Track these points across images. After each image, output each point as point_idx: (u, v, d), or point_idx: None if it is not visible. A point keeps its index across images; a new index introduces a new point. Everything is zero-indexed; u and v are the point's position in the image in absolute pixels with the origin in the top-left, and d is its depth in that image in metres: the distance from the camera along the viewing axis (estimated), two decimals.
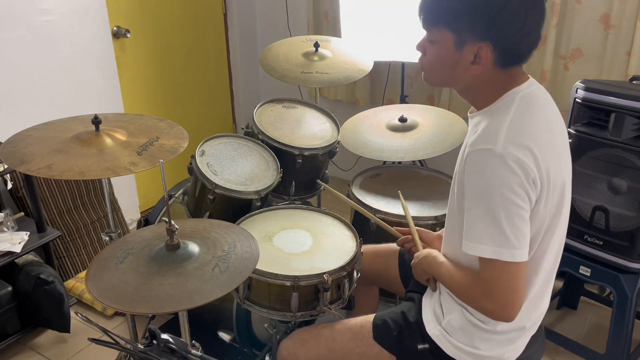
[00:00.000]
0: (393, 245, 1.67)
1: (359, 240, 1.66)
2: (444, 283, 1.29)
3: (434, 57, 1.18)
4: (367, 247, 1.75)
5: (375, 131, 2.23)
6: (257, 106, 2.25)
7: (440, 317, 1.33)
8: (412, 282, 1.57)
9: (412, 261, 1.43)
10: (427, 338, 1.34)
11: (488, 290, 1.11)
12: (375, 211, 1.97)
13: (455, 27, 1.12)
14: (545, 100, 1.22)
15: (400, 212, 1.93)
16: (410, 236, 1.55)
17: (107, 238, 1.79)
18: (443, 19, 1.13)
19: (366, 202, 2.03)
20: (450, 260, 1.30)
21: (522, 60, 1.17)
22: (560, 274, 1.35)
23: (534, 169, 1.09)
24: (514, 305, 1.11)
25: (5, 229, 2.24)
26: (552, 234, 1.21)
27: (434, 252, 1.38)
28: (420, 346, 1.35)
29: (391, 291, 1.83)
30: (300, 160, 2.09)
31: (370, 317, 1.45)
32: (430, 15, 1.15)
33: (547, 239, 1.21)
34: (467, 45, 1.12)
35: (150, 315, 2.18)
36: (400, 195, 1.78)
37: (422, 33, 1.20)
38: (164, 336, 1.03)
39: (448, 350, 1.31)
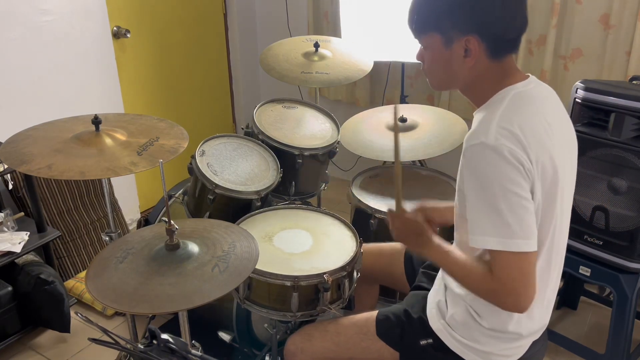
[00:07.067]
0: (398, 244, 1.67)
1: (359, 240, 1.66)
2: (450, 272, 1.23)
3: (430, 62, 1.23)
4: (371, 246, 1.75)
5: (375, 131, 2.23)
6: (257, 106, 2.25)
7: (444, 311, 1.34)
8: (418, 278, 1.57)
9: (390, 212, 1.34)
10: (430, 333, 1.35)
11: (499, 280, 1.10)
12: (375, 211, 1.98)
13: (440, 27, 1.17)
14: (543, 98, 1.21)
15: None
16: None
17: (107, 238, 1.79)
18: (427, 24, 1.19)
19: (366, 202, 2.03)
20: None
21: (513, 46, 1.19)
22: None
23: (526, 159, 1.09)
24: (527, 296, 1.10)
25: (5, 229, 2.24)
26: (547, 229, 1.18)
27: (438, 240, 1.27)
28: (422, 342, 1.36)
29: (394, 289, 1.82)
30: (301, 160, 2.09)
31: (374, 313, 1.47)
32: (417, 24, 1.21)
33: (544, 236, 1.18)
34: (455, 42, 1.16)
35: (150, 315, 2.18)
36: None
37: None
38: (164, 336, 1.03)
39: (450, 344, 1.31)
